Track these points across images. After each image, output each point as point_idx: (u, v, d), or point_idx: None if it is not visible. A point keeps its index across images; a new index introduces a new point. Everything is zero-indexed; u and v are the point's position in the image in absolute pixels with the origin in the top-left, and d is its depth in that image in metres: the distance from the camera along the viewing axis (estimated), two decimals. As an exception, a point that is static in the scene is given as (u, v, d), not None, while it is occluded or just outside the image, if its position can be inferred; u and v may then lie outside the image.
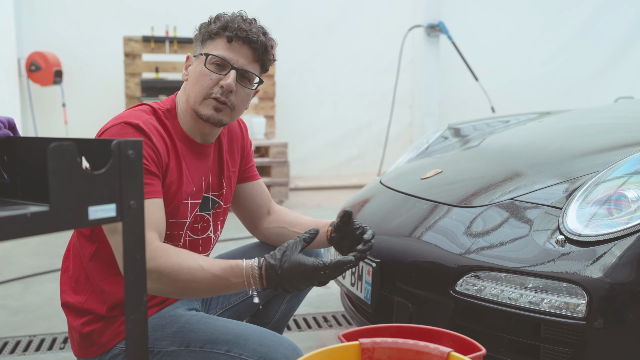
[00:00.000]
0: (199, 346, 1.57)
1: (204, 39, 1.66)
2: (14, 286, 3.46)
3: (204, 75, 1.62)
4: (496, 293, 1.64)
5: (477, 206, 1.91)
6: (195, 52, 1.69)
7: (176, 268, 1.44)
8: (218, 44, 1.63)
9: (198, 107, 1.63)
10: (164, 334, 1.61)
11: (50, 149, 0.85)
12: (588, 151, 2.11)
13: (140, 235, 0.98)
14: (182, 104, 1.68)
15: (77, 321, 1.66)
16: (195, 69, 1.65)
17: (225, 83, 1.60)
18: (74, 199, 0.89)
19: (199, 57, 1.65)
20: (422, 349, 1.18)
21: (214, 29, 1.63)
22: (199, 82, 1.62)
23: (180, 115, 1.68)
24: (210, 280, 1.45)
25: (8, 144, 1.22)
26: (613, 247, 1.53)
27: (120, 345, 1.63)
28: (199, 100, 1.62)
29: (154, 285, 1.45)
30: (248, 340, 1.55)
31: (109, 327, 1.63)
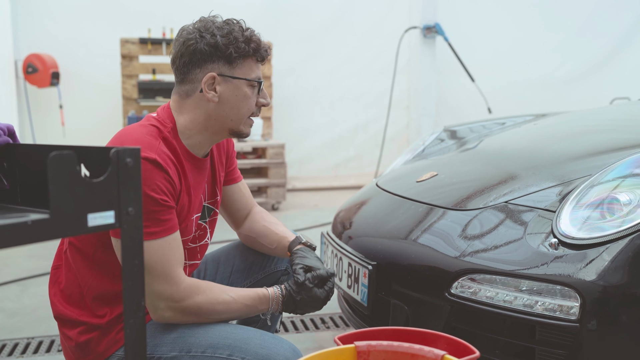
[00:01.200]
0: (200, 351, 1.58)
1: (232, 59, 1.62)
2: (11, 288, 3.47)
3: (248, 99, 1.66)
4: (491, 295, 1.66)
5: (472, 209, 1.93)
6: (219, 70, 1.63)
7: (213, 303, 1.59)
8: (250, 64, 1.65)
9: (242, 127, 1.69)
10: (164, 340, 1.61)
11: (50, 158, 0.86)
12: (583, 154, 2.13)
13: (138, 241, 1.00)
14: (199, 123, 1.65)
15: (73, 331, 1.66)
16: (236, 93, 1.64)
17: (267, 102, 1.71)
18: (73, 207, 0.90)
19: (235, 80, 1.63)
20: (417, 352, 1.20)
21: (249, 51, 1.63)
22: (244, 105, 1.66)
23: (187, 133, 1.66)
24: (241, 309, 1.64)
25: (8, 150, 1.23)
26: (605, 250, 1.55)
27: (118, 353, 1.64)
28: (244, 120, 1.68)
29: (190, 318, 1.59)
30: (249, 344, 1.56)
31: (106, 336, 1.63)
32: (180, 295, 1.54)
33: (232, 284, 1.97)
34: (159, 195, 1.51)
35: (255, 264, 1.98)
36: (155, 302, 1.54)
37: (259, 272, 1.98)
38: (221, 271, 1.98)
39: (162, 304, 1.54)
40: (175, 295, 1.54)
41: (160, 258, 1.51)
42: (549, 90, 7.78)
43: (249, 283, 1.98)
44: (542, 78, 7.81)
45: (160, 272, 1.52)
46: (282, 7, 6.93)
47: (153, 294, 1.53)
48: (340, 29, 7.18)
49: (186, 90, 1.66)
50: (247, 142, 5.85)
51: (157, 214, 1.51)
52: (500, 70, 7.57)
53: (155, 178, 1.52)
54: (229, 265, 1.99)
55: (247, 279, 1.98)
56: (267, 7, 6.85)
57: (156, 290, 1.53)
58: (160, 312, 1.56)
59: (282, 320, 2.89)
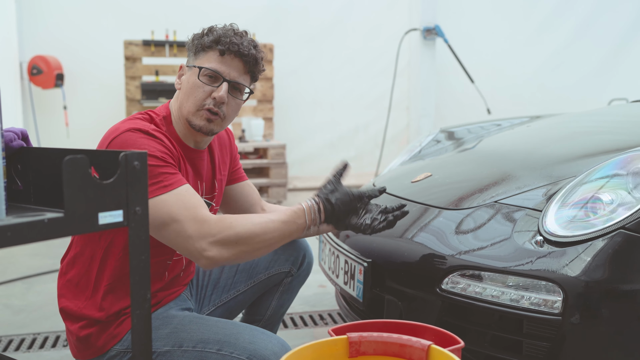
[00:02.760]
0: (191, 346, 1.64)
1: (196, 50, 1.72)
2: (17, 286, 3.54)
3: (197, 87, 1.69)
4: (480, 291, 1.74)
5: (464, 208, 2.01)
6: (188, 62, 1.76)
7: (250, 227, 1.56)
8: (211, 56, 1.70)
9: (191, 117, 1.70)
10: (158, 335, 1.68)
11: (65, 162, 0.94)
12: (576, 155, 2.18)
13: (145, 238, 1.07)
14: (176, 112, 1.75)
15: (74, 325, 1.72)
16: (188, 80, 1.72)
17: (218, 95, 1.68)
18: (85, 206, 0.98)
19: (192, 68, 1.72)
20: (405, 342, 1.27)
21: (207, 42, 1.69)
22: (192, 94, 1.69)
23: (175, 122, 1.75)
24: (280, 227, 1.61)
25: (22, 153, 1.31)
26: (588, 247, 1.63)
27: (117, 347, 1.70)
28: (192, 111, 1.70)
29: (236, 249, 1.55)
30: (238, 339, 1.62)
31: (105, 331, 1.70)
32: (216, 229, 1.53)
33: (236, 283, 2.04)
34: (160, 154, 1.57)
35: (260, 265, 2.04)
36: (197, 246, 1.52)
37: (263, 272, 2.04)
38: (227, 270, 2.05)
39: (204, 244, 1.52)
40: (212, 230, 1.53)
41: (183, 204, 1.53)
42: (548, 91, 7.84)
43: (252, 283, 2.05)
44: (542, 79, 7.87)
45: (187, 216, 1.52)
46: (284, 9, 7.01)
47: (190, 239, 1.52)
48: (341, 31, 7.26)
49: None
50: (248, 143, 5.93)
51: (164, 168, 1.56)
52: (499, 72, 7.64)
53: (151, 144, 1.58)
54: (234, 265, 2.05)
55: (250, 279, 2.05)
56: (269, 9, 6.93)
57: (192, 235, 1.51)
58: (206, 254, 1.52)
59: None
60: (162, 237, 1.56)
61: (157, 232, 1.55)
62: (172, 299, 1.80)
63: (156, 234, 1.56)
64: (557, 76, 7.92)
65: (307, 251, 2.12)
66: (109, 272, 1.70)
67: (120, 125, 1.63)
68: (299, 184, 6.96)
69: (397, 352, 1.29)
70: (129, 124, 1.63)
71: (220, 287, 2.03)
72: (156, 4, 6.62)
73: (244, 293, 2.06)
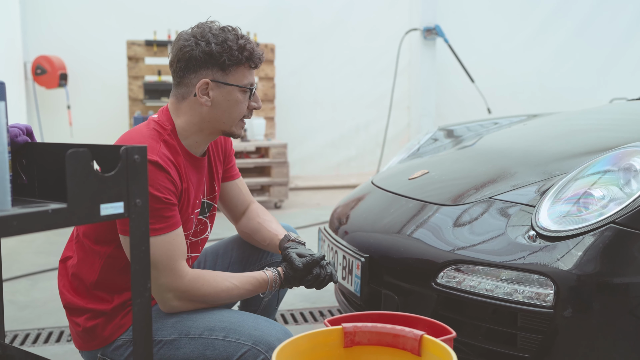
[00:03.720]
0: (197, 333, 1.69)
1: (226, 65, 1.71)
2: (21, 283, 3.59)
3: (240, 103, 1.76)
4: (474, 285, 1.77)
5: (459, 204, 2.04)
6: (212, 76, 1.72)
7: (217, 291, 1.72)
8: (243, 71, 1.74)
9: (233, 129, 1.79)
10: (164, 325, 1.72)
11: (68, 155, 0.98)
12: (574, 152, 2.20)
13: (144, 230, 1.11)
14: (194, 125, 1.75)
15: (80, 318, 1.77)
16: (228, 98, 1.74)
17: (258, 105, 1.81)
18: (88, 198, 1.02)
19: (228, 86, 1.73)
20: (399, 332, 1.31)
21: (242, 59, 1.72)
22: (236, 110, 1.76)
23: (184, 134, 1.76)
24: (243, 294, 1.78)
25: (26, 148, 1.35)
26: (579, 242, 1.66)
27: (123, 337, 1.74)
28: (235, 123, 1.79)
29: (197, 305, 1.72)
30: (243, 326, 1.67)
31: (111, 321, 1.74)
32: (185, 287, 1.66)
33: None
34: (162, 194, 1.62)
35: (252, 257, 2.09)
36: (163, 294, 1.66)
37: (256, 264, 2.09)
38: (220, 263, 2.10)
39: (170, 295, 1.66)
40: (181, 287, 1.66)
41: (165, 252, 1.62)
42: (548, 91, 7.87)
43: None
44: (542, 79, 7.90)
45: (165, 265, 1.63)
46: (285, 10, 7.05)
47: (161, 287, 1.65)
48: (342, 31, 7.30)
49: (182, 93, 1.76)
50: (250, 142, 5.97)
51: (160, 211, 1.62)
52: (499, 71, 7.67)
53: (158, 178, 1.62)
54: (227, 258, 2.10)
55: (244, 271, 2.09)
56: (270, 9, 6.97)
57: (163, 284, 1.64)
58: (169, 303, 1.68)
59: (282, 313, 3.01)
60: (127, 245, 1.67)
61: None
62: None
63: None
64: (557, 75, 7.95)
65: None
66: (113, 265, 1.74)
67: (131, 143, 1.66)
68: (300, 183, 7.00)
69: (390, 342, 1.32)
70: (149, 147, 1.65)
71: None
72: (158, 4, 6.67)
73: None
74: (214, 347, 1.67)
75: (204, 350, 1.68)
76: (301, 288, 1.98)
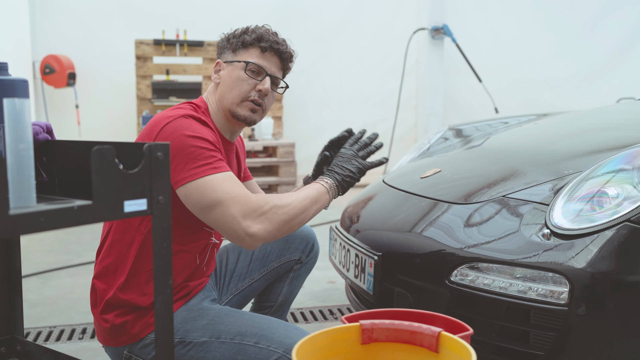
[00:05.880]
0: (229, 338, 1.70)
1: (236, 47, 1.84)
2: (32, 281, 3.61)
3: (241, 80, 1.81)
4: (488, 283, 1.78)
5: (472, 203, 2.05)
6: (224, 58, 1.87)
7: (288, 203, 1.67)
8: (252, 53, 1.82)
9: (236, 108, 1.82)
10: (195, 326, 1.74)
11: (93, 152, 0.99)
12: (585, 151, 2.22)
13: (167, 226, 1.12)
14: (214, 104, 1.85)
15: (110, 314, 1.76)
16: (231, 74, 1.82)
17: (264, 87, 1.82)
18: (112, 195, 1.03)
19: (233, 63, 1.83)
20: (416, 329, 1.32)
21: (249, 40, 1.82)
22: (237, 86, 1.81)
23: (214, 114, 1.85)
24: (312, 204, 1.72)
25: (47, 146, 1.36)
26: (594, 240, 1.67)
27: (152, 335, 1.74)
28: (237, 102, 1.81)
29: (276, 224, 1.64)
30: (274, 333, 1.69)
31: (142, 319, 1.75)
32: (257, 204, 1.61)
33: (252, 271, 2.12)
34: (212, 139, 1.66)
35: (272, 253, 2.13)
36: (241, 225, 1.59)
37: (275, 260, 2.13)
38: (242, 259, 2.13)
39: (248, 222, 1.59)
40: (253, 205, 1.60)
41: (230, 186, 1.60)
42: (555, 90, 7.86)
43: (265, 271, 2.13)
44: (549, 78, 7.89)
45: (232, 197, 1.59)
46: (293, 9, 7.06)
47: (234, 219, 1.58)
48: (350, 31, 7.31)
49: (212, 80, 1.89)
50: (258, 141, 5.98)
51: (215, 152, 1.65)
52: (507, 71, 7.66)
53: (204, 130, 1.67)
54: (249, 254, 2.13)
55: (264, 267, 2.13)
56: (278, 8, 6.98)
57: (235, 213, 1.58)
58: (250, 231, 1.59)
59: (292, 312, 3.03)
60: (207, 217, 1.63)
61: (203, 212, 1.63)
62: (200, 290, 1.87)
63: (202, 214, 1.63)
64: (564, 75, 7.94)
65: (314, 240, 2.23)
66: (149, 257, 1.74)
67: (171, 112, 1.70)
68: (307, 182, 7.00)
69: (408, 339, 1.33)
70: (181, 111, 1.72)
71: (237, 276, 2.11)
72: (167, 3, 6.70)
73: (258, 281, 2.15)
74: (244, 353, 1.69)
75: (235, 355, 1.69)
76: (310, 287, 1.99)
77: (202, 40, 6.23)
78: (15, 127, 0.99)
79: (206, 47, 6.24)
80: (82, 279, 3.60)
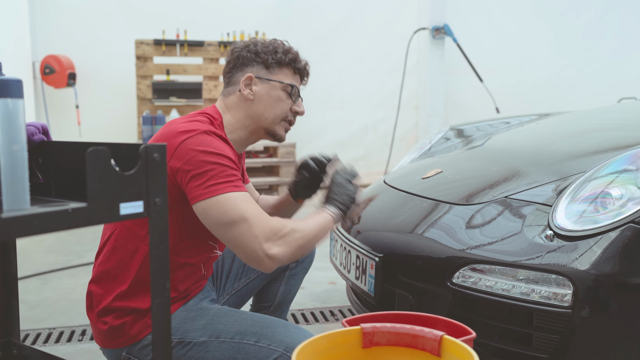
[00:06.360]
0: (229, 337, 1.69)
1: (269, 65, 1.83)
2: (32, 282, 3.59)
3: (282, 101, 1.84)
4: (490, 284, 1.76)
5: (474, 204, 2.03)
6: (256, 73, 1.83)
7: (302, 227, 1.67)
8: (287, 73, 1.86)
9: (275, 127, 1.85)
10: (194, 326, 1.73)
11: (88, 153, 0.97)
12: (586, 152, 2.20)
13: (164, 229, 1.11)
14: (240, 120, 1.83)
15: (108, 317, 1.74)
16: (270, 94, 1.83)
17: (301, 110, 1.88)
18: (107, 197, 1.01)
19: (270, 82, 1.83)
20: (418, 333, 1.30)
21: (285, 60, 1.84)
22: (277, 106, 1.84)
23: (231, 128, 1.83)
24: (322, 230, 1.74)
25: (42, 147, 1.34)
26: (598, 241, 1.65)
27: (151, 337, 1.72)
28: (277, 121, 1.85)
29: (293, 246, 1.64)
30: (274, 332, 1.68)
31: (140, 320, 1.73)
32: (278, 227, 1.60)
33: (247, 271, 2.12)
34: (231, 156, 1.65)
35: None
36: (264, 246, 1.58)
37: None
38: (237, 259, 2.12)
39: (269, 244, 1.58)
40: (275, 229, 1.60)
41: (252, 207, 1.59)
42: (556, 90, 7.84)
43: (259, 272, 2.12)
44: (550, 78, 7.87)
45: (256, 217, 1.58)
46: (294, 8, 7.04)
47: (256, 239, 1.57)
48: (351, 30, 7.28)
49: (229, 91, 1.86)
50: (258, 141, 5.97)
51: (236, 171, 1.64)
52: (508, 71, 7.64)
53: (226, 148, 1.67)
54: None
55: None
56: (279, 8, 6.96)
57: (259, 233, 1.57)
58: (272, 252, 1.59)
59: (293, 312, 3.01)
60: (225, 234, 1.60)
61: (222, 229, 1.60)
62: (199, 291, 1.86)
63: (220, 231, 1.60)
64: (565, 75, 7.92)
65: None
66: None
67: (191, 126, 1.67)
68: (308, 182, 6.98)
69: (409, 343, 1.31)
70: (201, 125, 1.69)
71: (233, 277, 2.11)
72: (167, 3, 6.68)
73: (254, 280, 2.15)
74: (245, 352, 1.68)
75: (235, 354, 1.68)
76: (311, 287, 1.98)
77: (202, 40, 6.20)
78: (8, 127, 0.98)
79: (206, 47, 6.22)
80: (82, 280, 3.58)
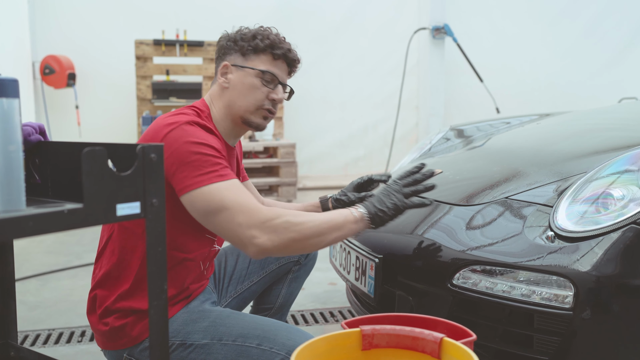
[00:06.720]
0: (231, 340, 1.68)
1: (246, 51, 1.78)
2: (31, 283, 3.58)
3: (256, 89, 1.78)
4: (491, 286, 1.74)
5: (474, 204, 2.02)
6: (232, 61, 1.80)
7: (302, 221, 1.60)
8: (263, 59, 1.78)
9: (249, 115, 1.79)
10: (196, 328, 1.71)
11: (84, 153, 0.96)
12: (587, 152, 2.19)
13: (161, 230, 1.09)
14: (220, 110, 1.80)
15: (109, 318, 1.72)
16: (243, 81, 1.78)
17: (278, 97, 1.80)
18: (104, 198, 1.00)
19: (245, 69, 1.78)
20: (418, 335, 1.29)
21: (262, 46, 1.77)
22: (251, 94, 1.77)
23: (217, 119, 1.80)
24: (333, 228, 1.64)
25: (39, 147, 1.33)
26: (599, 242, 1.63)
27: None
28: (251, 110, 1.79)
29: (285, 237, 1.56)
30: (277, 335, 1.66)
31: (141, 321, 1.71)
32: (266, 216, 1.55)
33: (250, 273, 2.10)
34: (217, 147, 1.62)
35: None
36: (246, 234, 1.53)
37: (274, 262, 2.10)
38: (240, 262, 2.10)
39: (254, 231, 1.53)
40: (261, 217, 1.54)
41: (237, 194, 1.55)
42: (557, 90, 7.84)
43: (264, 273, 2.10)
44: (550, 78, 7.87)
45: (240, 205, 1.53)
46: (294, 8, 7.04)
47: (240, 227, 1.53)
48: (351, 30, 7.28)
49: (213, 82, 1.84)
50: (258, 142, 5.96)
51: (220, 159, 1.60)
52: (508, 71, 7.64)
53: (210, 137, 1.63)
54: (247, 257, 2.10)
55: (263, 269, 2.10)
56: (279, 8, 6.95)
57: (242, 222, 1.53)
58: (257, 240, 1.53)
59: (292, 313, 3.00)
60: (211, 224, 1.58)
61: (207, 219, 1.57)
62: (200, 292, 1.84)
63: (206, 221, 1.58)
64: (566, 75, 7.92)
65: None
66: None
67: (175, 118, 1.65)
68: (308, 183, 6.98)
69: (409, 345, 1.30)
70: (185, 117, 1.67)
71: (235, 279, 2.09)
72: (167, 3, 6.67)
73: (257, 283, 2.13)
74: (247, 355, 1.66)
75: (237, 357, 1.67)
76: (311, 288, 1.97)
77: (202, 40, 6.19)
78: (4, 127, 0.96)
79: (206, 47, 6.21)
80: (82, 281, 3.57)
